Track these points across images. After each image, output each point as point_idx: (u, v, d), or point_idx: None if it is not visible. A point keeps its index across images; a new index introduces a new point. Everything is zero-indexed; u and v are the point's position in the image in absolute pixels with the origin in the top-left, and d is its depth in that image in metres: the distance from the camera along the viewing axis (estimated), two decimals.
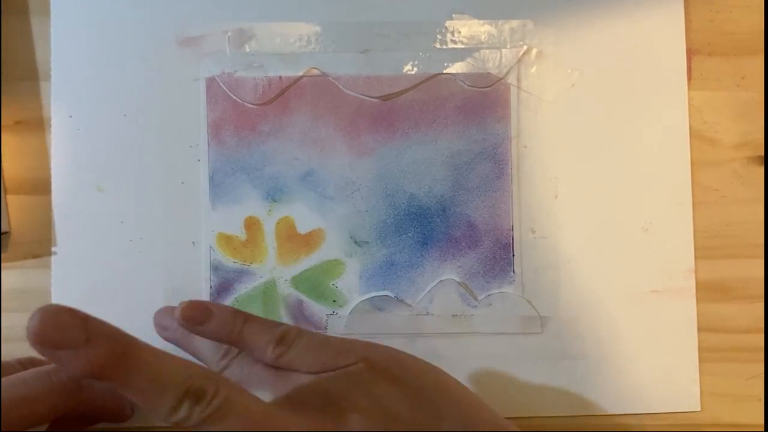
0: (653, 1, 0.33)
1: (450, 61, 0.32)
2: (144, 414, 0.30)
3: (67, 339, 0.18)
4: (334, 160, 0.32)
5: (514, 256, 0.32)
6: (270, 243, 0.32)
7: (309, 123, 0.32)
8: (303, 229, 0.32)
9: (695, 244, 0.32)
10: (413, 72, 0.32)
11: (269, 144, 0.32)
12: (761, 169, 0.33)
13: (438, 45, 0.32)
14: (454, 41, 0.32)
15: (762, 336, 0.33)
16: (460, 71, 0.32)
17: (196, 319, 0.25)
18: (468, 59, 0.32)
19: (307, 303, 0.32)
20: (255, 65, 0.32)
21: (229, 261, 0.32)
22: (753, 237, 0.33)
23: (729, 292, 0.33)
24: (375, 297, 0.32)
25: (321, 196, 0.32)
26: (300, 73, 0.32)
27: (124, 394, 0.19)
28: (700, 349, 0.32)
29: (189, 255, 0.32)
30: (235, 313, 0.26)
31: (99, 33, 0.32)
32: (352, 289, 0.32)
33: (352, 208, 0.32)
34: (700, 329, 0.32)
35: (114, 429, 0.30)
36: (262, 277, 0.32)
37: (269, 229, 0.32)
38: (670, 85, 0.33)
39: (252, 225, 0.32)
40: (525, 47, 0.32)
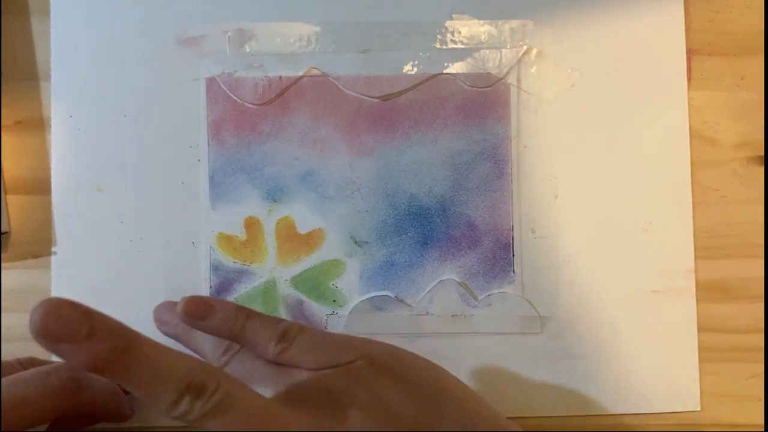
0: (653, 1, 0.33)
1: (450, 61, 0.32)
2: (144, 414, 0.30)
3: (69, 332, 0.18)
4: (334, 160, 0.32)
5: (514, 256, 0.32)
6: (270, 243, 0.32)
7: (309, 123, 0.32)
8: (303, 229, 0.32)
9: (695, 244, 0.32)
10: (413, 72, 0.32)
11: (269, 144, 0.32)
12: (761, 169, 0.33)
13: (438, 45, 0.32)
14: (454, 41, 0.32)
15: (762, 336, 0.33)
16: (460, 71, 0.32)
17: (198, 315, 0.25)
18: (468, 59, 0.32)
19: (307, 303, 0.32)
20: (255, 65, 0.32)
21: (229, 261, 0.32)
22: (753, 237, 0.33)
23: (729, 292, 0.33)
24: (375, 297, 0.32)
25: (321, 196, 0.32)
26: (300, 73, 0.32)
27: (126, 387, 0.19)
28: (700, 349, 0.32)
29: (189, 255, 0.32)
30: (237, 309, 0.26)
31: (99, 33, 0.32)
32: (352, 289, 0.32)
33: (352, 208, 0.32)
34: (700, 329, 0.32)
35: (114, 429, 0.30)
36: (262, 277, 0.32)
37: (269, 229, 0.32)
38: (670, 85, 0.33)
39: (252, 225, 0.32)
40: (525, 47, 0.32)
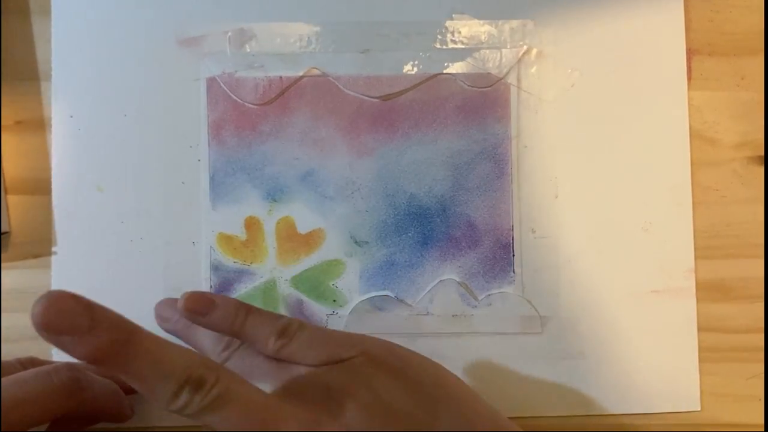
0: (653, 1, 0.33)
1: (450, 61, 0.32)
2: (144, 414, 0.30)
3: (70, 324, 0.18)
4: (334, 160, 0.32)
5: (514, 256, 0.32)
6: (270, 243, 0.32)
7: (309, 123, 0.32)
8: (303, 229, 0.32)
9: (695, 244, 0.32)
10: (413, 72, 0.32)
11: (269, 144, 0.32)
12: (761, 169, 0.33)
13: (438, 45, 0.32)
14: (454, 41, 0.32)
15: (762, 336, 0.33)
16: (460, 71, 0.32)
17: (199, 310, 0.25)
18: (468, 59, 0.32)
19: (307, 303, 0.32)
20: (255, 65, 0.32)
21: (229, 261, 0.32)
22: (753, 237, 0.33)
23: (729, 292, 0.33)
24: (375, 297, 0.32)
25: (321, 196, 0.32)
26: (300, 73, 0.32)
27: (126, 380, 0.19)
28: (700, 349, 0.32)
29: (189, 255, 0.32)
30: (238, 305, 0.26)
31: (99, 33, 0.32)
32: (352, 289, 0.32)
33: (352, 208, 0.32)
34: (700, 329, 0.32)
35: (114, 429, 0.30)
36: (262, 277, 0.32)
37: (269, 229, 0.32)
38: (670, 85, 0.33)
39: (252, 225, 0.32)
40: (525, 47, 0.32)
